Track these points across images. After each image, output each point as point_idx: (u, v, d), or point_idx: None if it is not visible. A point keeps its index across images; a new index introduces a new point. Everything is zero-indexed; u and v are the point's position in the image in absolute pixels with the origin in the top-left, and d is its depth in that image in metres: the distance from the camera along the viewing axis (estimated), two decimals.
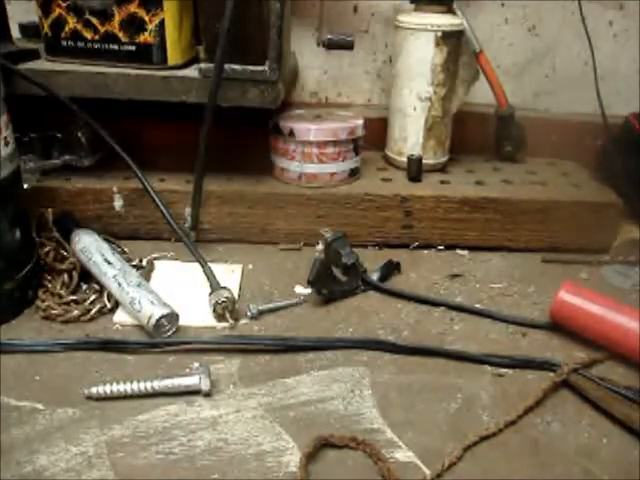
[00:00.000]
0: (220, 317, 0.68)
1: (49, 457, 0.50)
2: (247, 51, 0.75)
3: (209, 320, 0.68)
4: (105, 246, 0.74)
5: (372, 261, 0.80)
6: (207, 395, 0.58)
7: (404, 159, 0.91)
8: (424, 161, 0.90)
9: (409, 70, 0.89)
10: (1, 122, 0.63)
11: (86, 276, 0.73)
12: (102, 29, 0.76)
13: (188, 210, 0.80)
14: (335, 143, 0.84)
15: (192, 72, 0.78)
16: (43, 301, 0.69)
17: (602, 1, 1.01)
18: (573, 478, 0.51)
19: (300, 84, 1.05)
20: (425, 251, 0.87)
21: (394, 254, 0.83)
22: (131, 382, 0.57)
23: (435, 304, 0.74)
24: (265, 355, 0.64)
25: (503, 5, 1.02)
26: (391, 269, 0.79)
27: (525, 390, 0.60)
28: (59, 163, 0.84)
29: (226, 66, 0.72)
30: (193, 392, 0.58)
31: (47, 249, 0.74)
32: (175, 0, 0.76)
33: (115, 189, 0.82)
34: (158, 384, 0.57)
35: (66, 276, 0.72)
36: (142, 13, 0.75)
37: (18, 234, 0.68)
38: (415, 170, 0.89)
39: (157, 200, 0.77)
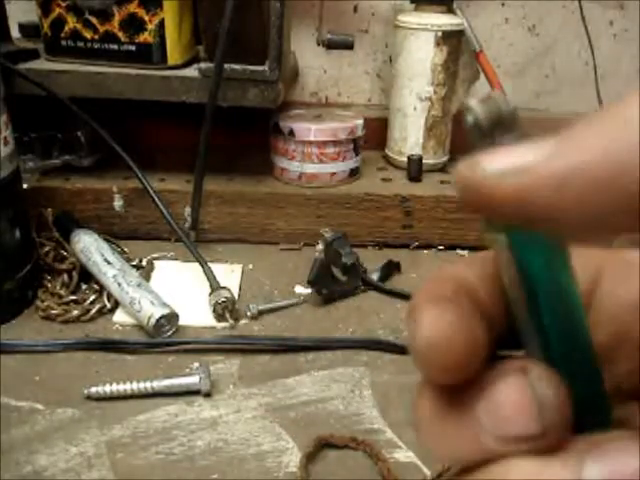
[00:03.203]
0: (220, 317, 0.68)
1: (49, 457, 0.50)
2: (247, 51, 0.74)
3: (209, 320, 0.68)
4: (105, 246, 0.74)
5: (372, 261, 0.80)
6: (207, 395, 0.58)
7: (404, 159, 0.91)
8: (424, 161, 0.90)
9: (409, 70, 0.89)
10: (1, 122, 0.63)
11: (86, 276, 0.73)
12: (102, 29, 0.76)
13: (188, 210, 0.80)
14: (335, 143, 0.84)
15: (192, 72, 0.78)
16: (43, 301, 0.69)
17: (602, 1, 1.01)
18: None
19: (300, 84, 1.05)
20: (425, 251, 0.87)
21: (394, 254, 0.83)
22: (131, 382, 0.57)
23: None
24: (265, 355, 0.64)
25: (503, 5, 1.02)
26: (391, 269, 0.79)
27: None
28: (59, 163, 0.84)
29: (226, 66, 0.72)
30: (193, 392, 0.58)
31: (47, 249, 0.73)
32: (175, 0, 0.76)
33: (115, 189, 0.82)
34: (158, 384, 0.57)
35: (66, 276, 0.72)
36: (142, 13, 0.75)
37: (18, 234, 0.68)
38: (415, 170, 0.89)
39: (157, 200, 0.77)
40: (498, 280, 0.17)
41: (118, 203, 0.83)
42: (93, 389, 0.56)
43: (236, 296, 0.72)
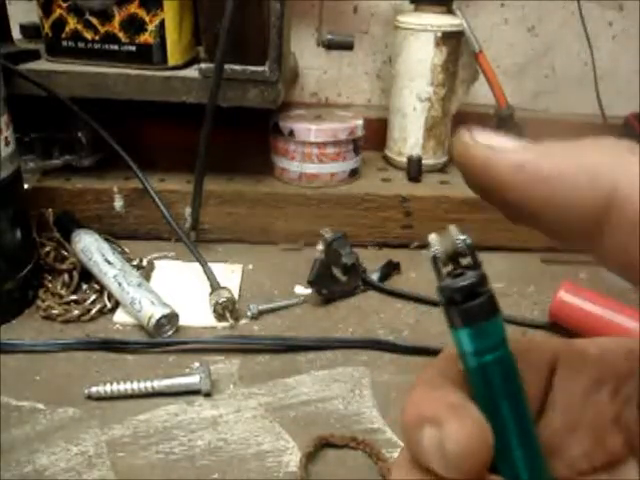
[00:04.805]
0: (220, 317, 0.68)
1: (49, 457, 0.50)
2: (247, 51, 0.75)
3: (209, 320, 0.69)
4: (105, 246, 0.74)
5: (372, 261, 0.80)
6: (207, 395, 0.58)
7: (404, 159, 0.91)
8: (424, 161, 0.90)
9: (409, 70, 0.89)
10: (2, 122, 0.63)
11: (86, 276, 0.73)
12: (102, 29, 0.76)
13: (188, 210, 0.80)
14: (335, 143, 0.84)
15: (192, 72, 0.78)
16: (43, 301, 0.69)
17: (602, 1, 1.01)
18: None
19: (300, 84, 1.05)
20: (425, 251, 0.86)
21: (394, 254, 0.83)
22: (131, 382, 0.57)
23: (435, 304, 0.74)
24: (265, 355, 0.64)
25: (503, 5, 1.02)
26: (391, 269, 0.80)
27: None
28: (59, 163, 0.84)
29: (226, 66, 0.72)
30: (193, 392, 0.58)
31: (47, 249, 0.74)
32: (175, 0, 0.76)
33: (115, 189, 0.82)
34: (158, 384, 0.57)
35: (66, 276, 0.72)
36: (142, 13, 0.75)
37: (18, 234, 0.68)
38: (415, 170, 0.89)
39: (157, 200, 0.77)
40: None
41: (118, 203, 0.83)
42: (94, 389, 0.56)
43: (236, 296, 0.72)
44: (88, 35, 0.77)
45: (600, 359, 0.20)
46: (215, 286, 0.70)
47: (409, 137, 0.92)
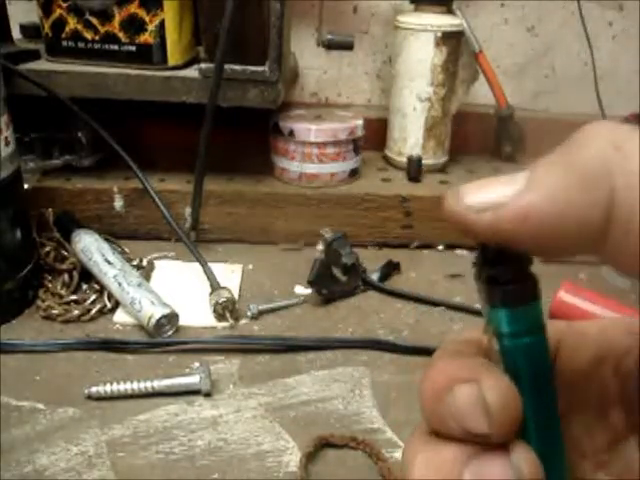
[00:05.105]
0: (220, 317, 0.68)
1: (49, 457, 0.50)
2: (247, 51, 0.75)
3: (209, 320, 0.69)
4: (105, 246, 0.74)
5: (372, 261, 0.80)
6: (207, 395, 0.58)
7: (404, 159, 0.91)
8: (424, 161, 0.90)
9: (409, 70, 0.89)
10: (2, 122, 0.63)
11: (86, 276, 0.73)
12: (102, 29, 0.76)
13: (188, 210, 0.80)
14: (335, 143, 0.84)
15: (192, 72, 0.78)
16: (43, 301, 0.69)
17: (602, 1, 1.01)
18: None
19: (300, 84, 1.05)
20: (425, 251, 0.87)
21: (394, 254, 0.83)
22: (131, 382, 0.57)
23: (435, 304, 0.74)
24: (265, 355, 0.64)
25: (503, 5, 1.02)
26: (391, 269, 0.80)
27: None
28: (59, 163, 0.84)
29: (226, 66, 0.72)
30: (193, 392, 0.58)
31: (47, 249, 0.74)
32: (175, 0, 0.76)
33: (115, 189, 0.82)
34: (158, 384, 0.57)
35: (66, 276, 0.72)
36: (142, 13, 0.75)
37: (19, 234, 0.68)
38: (415, 170, 0.89)
39: (157, 200, 0.77)
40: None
41: (118, 203, 0.83)
42: (94, 389, 0.56)
43: (236, 296, 0.72)
44: (88, 35, 0.77)
45: (600, 336, 0.20)
46: (215, 286, 0.70)
47: (409, 137, 0.92)
